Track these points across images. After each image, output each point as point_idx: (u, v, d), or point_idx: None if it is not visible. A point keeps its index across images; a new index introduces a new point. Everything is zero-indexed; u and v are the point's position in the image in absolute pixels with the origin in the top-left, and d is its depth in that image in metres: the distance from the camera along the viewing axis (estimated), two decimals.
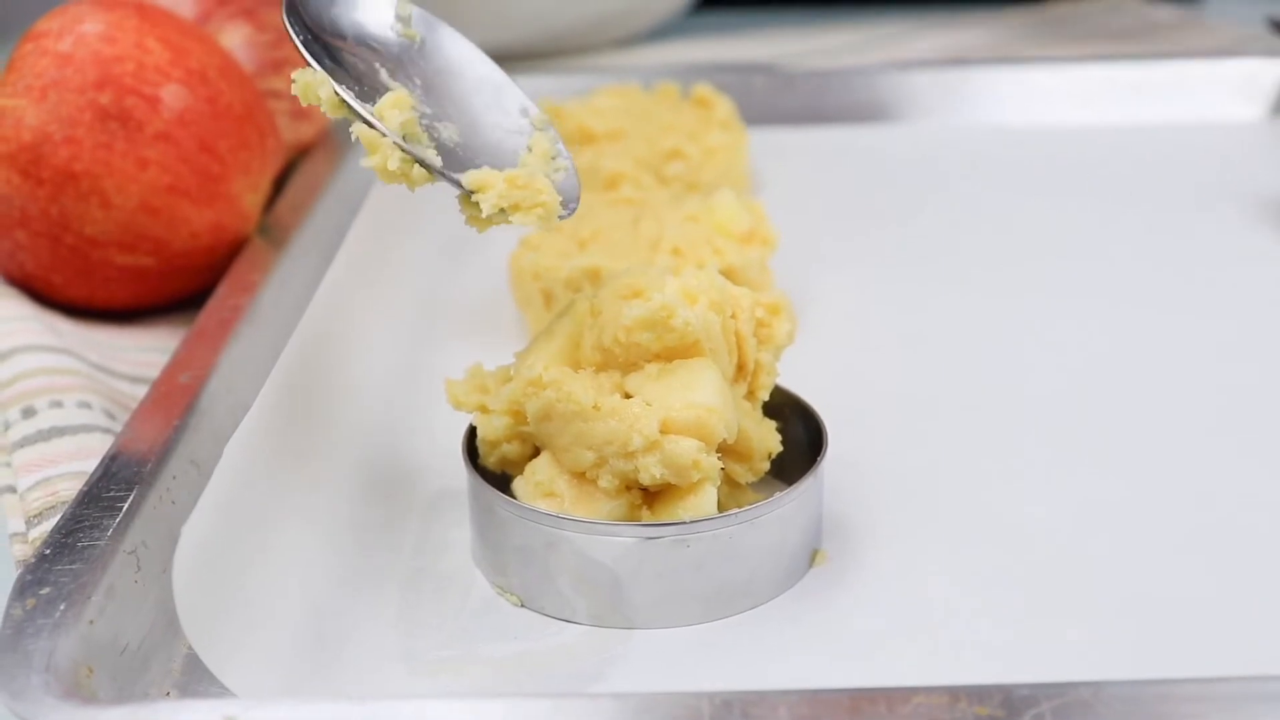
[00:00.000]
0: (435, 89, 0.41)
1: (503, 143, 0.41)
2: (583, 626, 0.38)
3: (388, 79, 0.40)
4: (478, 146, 0.40)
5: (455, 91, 0.41)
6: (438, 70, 0.42)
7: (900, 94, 0.74)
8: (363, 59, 0.41)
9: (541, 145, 0.40)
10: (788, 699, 0.31)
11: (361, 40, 0.41)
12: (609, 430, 0.37)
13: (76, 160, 0.51)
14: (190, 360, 0.45)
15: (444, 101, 0.41)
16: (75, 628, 0.34)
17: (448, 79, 0.42)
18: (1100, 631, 0.36)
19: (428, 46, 0.42)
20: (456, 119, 0.41)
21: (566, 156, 0.40)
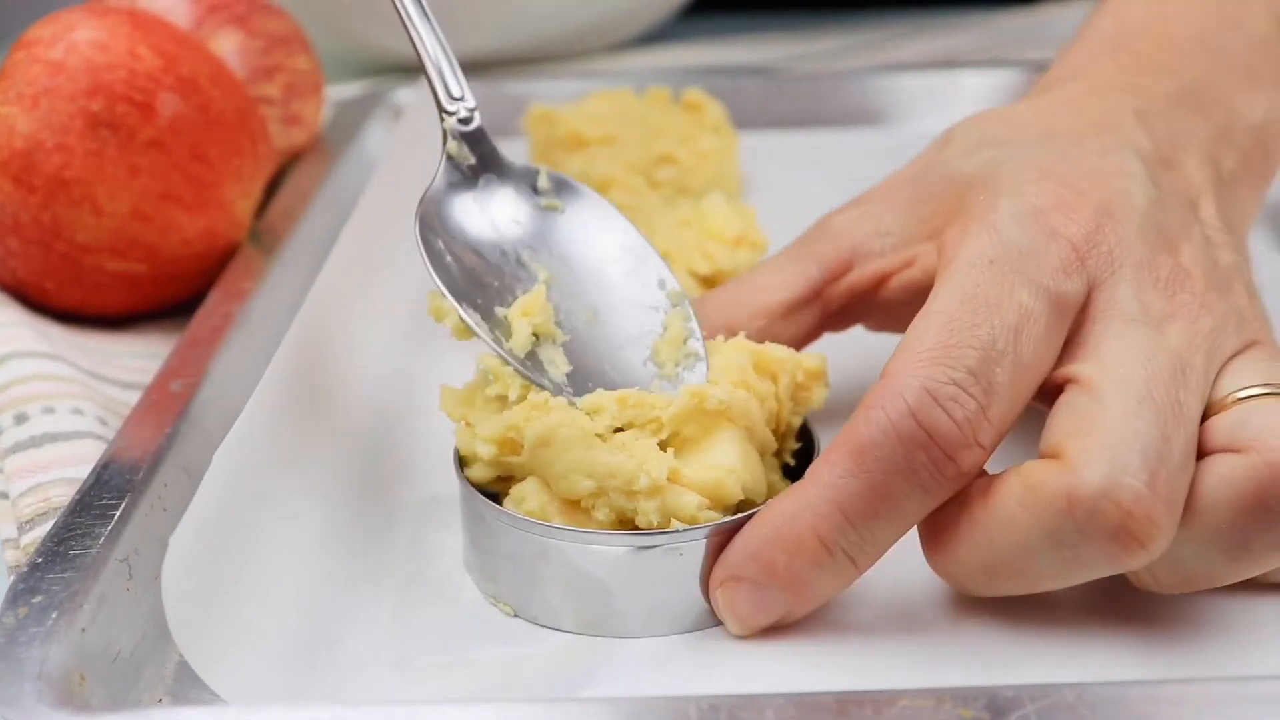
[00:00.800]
0: (573, 261, 0.42)
1: (638, 324, 0.41)
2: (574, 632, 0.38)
3: (528, 261, 0.42)
4: (611, 330, 0.41)
5: (593, 263, 0.42)
6: (578, 241, 0.43)
7: (891, 97, 0.75)
8: (501, 243, 0.42)
9: (675, 327, 0.41)
10: (774, 702, 0.31)
11: (500, 225, 0.42)
12: (615, 463, 0.37)
13: (68, 167, 0.51)
14: (182, 367, 0.45)
15: (581, 275, 0.42)
16: (67, 635, 0.34)
17: (587, 251, 0.42)
18: (1085, 632, 0.37)
19: (569, 214, 0.43)
20: (593, 296, 0.42)
21: (699, 339, 0.41)
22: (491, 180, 0.43)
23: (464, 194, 0.43)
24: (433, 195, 0.42)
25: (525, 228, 0.43)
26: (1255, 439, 0.34)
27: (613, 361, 0.40)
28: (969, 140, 0.44)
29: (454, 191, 0.43)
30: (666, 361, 0.40)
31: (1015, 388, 0.35)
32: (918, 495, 0.35)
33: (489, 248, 0.42)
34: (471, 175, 0.43)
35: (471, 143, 0.44)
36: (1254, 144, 0.46)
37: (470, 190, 0.43)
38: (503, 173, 0.44)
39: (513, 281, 0.41)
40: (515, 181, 0.44)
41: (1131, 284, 0.37)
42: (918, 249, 0.42)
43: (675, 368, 0.40)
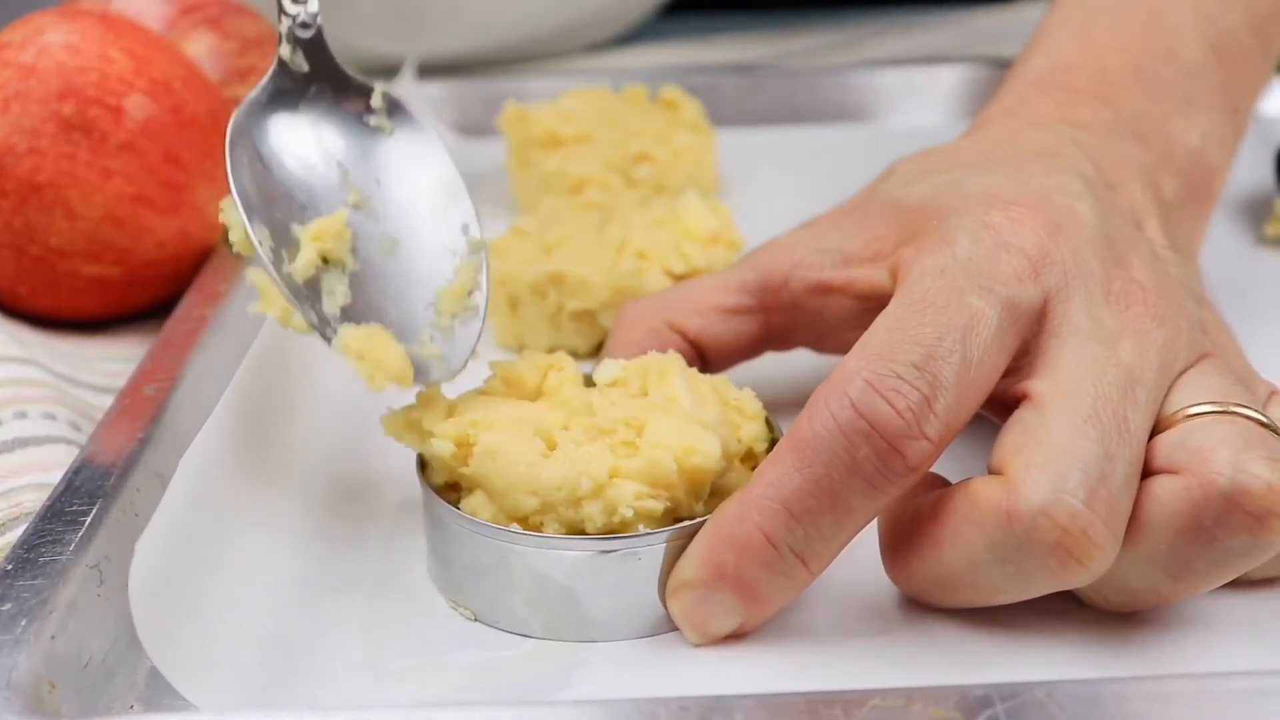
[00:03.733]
0: (387, 186, 0.42)
1: (431, 264, 0.41)
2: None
3: (339, 182, 0.41)
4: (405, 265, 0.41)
5: (406, 192, 0.42)
6: (397, 167, 0.42)
7: (869, 93, 0.75)
8: (318, 157, 0.41)
9: (464, 276, 0.41)
10: (744, 703, 0.31)
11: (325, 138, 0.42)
12: (558, 477, 0.36)
13: (40, 171, 0.51)
14: (156, 371, 0.45)
15: (391, 202, 0.42)
16: (37, 643, 0.34)
17: (406, 176, 0.42)
18: (1055, 631, 0.37)
19: (396, 137, 0.43)
20: (397, 226, 0.41)
21: (484, 294, 0.41)
22: (324, 90, 0.43)
23: (289, 101, 0.42)
24: (253, 100, 0.41)
25: (347, 144, 0.42)
26: (1191, 460, 0.34)
27: (396, 299, 0.40)
28: (911, 171, 0.44)
29: (280, 97, 0.42)
30: (445, 311, 0.40)
31: (964, 386, 0.35)
32: (863, 490, 0.35)
33: (304, 159, 0.41)
34: (302, 84, 0.42)
35: (308, 49, 0.42)
36: (1194, 168, 0.47)
37: (297, 99, 0.42)
38: (336, 85, 0.43)
39: (320, 199, 0.41)
40: (348, 96, 0.43)
41: (1084, 299, 0.37)
42: (861, 269, 0.42)
43: (452, 319, 0.40)
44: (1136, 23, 0.49)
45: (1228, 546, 0.34)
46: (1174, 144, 0.46)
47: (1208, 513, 0.34)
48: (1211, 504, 0.34)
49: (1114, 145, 0.45)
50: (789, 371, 0.47)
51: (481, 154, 0.69)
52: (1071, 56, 0.49)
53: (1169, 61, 0.48)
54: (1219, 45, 0.49)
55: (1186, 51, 0.49)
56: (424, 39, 0.76)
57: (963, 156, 0.44)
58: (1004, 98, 0.49)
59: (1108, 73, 0.48)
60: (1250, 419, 0.35)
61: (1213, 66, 0.49)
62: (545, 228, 0.54)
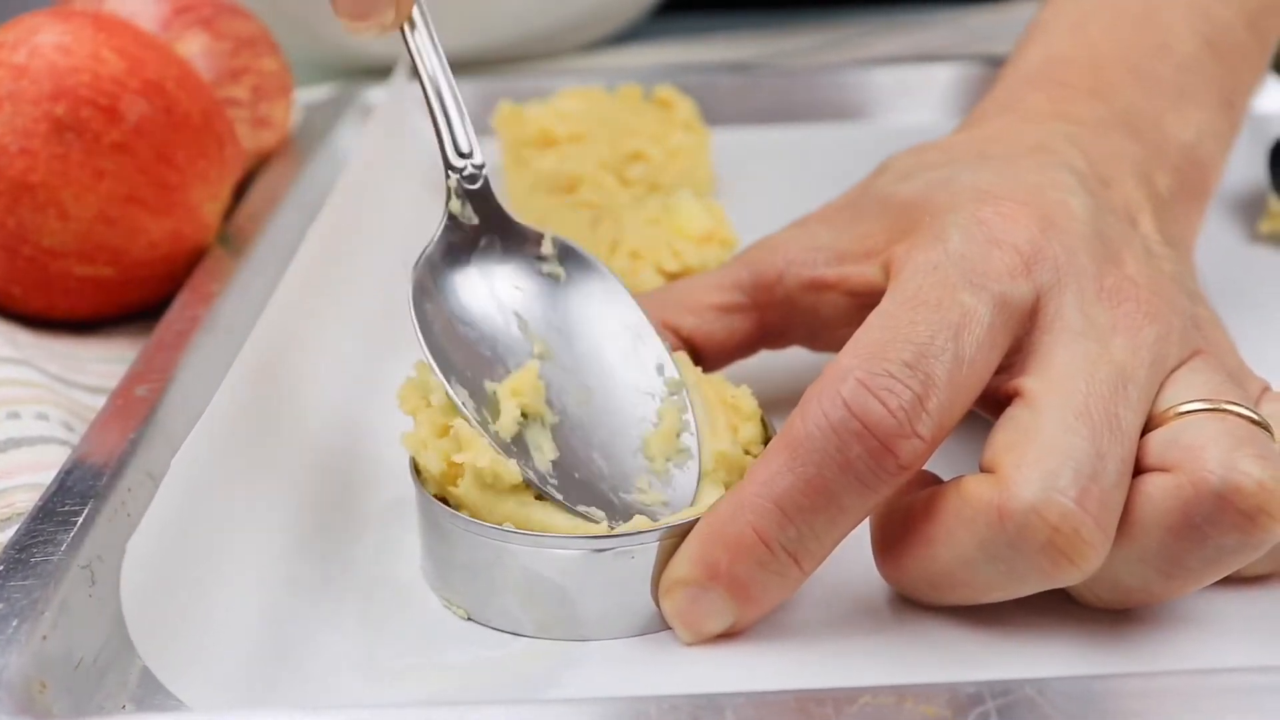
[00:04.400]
0: (571, 334, 0.41)
1: (631, 409, 0.40)
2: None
3: (518, 332, 0.40)
4: (603, 413, 0.40)
5: (592, 338, 0.41)
6: (577, 313, 0.41)
7: (864, 92, 0.75)
8: (498, 310, 0.40)
9: (669, 419, 0.39)
10: (734, 701, 0.31)
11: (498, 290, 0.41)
12: (548, 523, 0.37)
13: (33, 171, 0.51)
14: (148, 371, 0.45)
15: (578, 350, 0.40)
16: (28, 643, 0.34)
17: (586, 325, 0.41)
18: (1047, 628, 0.36)
19: (571, 283, 0.42)
20: (588, 375, 0.40)
21: (693, 433, 0.39)
22: (494, 241, 0.42)
23: (463, 255, 0.41)
24: (429, 257, 0.41)
25: (524, 294, 0.41)
26: (1182, 458, 0.34)
27: (602, 449, 0.39)
28: (904, 167, 0.44)
29: (453, 252, 0.41)
30: (657, 455, 0.39)
31: (956, 384, 0.35)
32: (855, 489, 0.35)
33: (484, 314, 0.40)
34: (473, 235, 0.42)
35: (476, 201, 0.42)
36: (1188, 163, 0.47)
37: (470, 251, 0.42)
38: (506, 234, 0.42)
39: (506, 352, 0.40)
40: (518, 244, 0.42)
41: (1076, 296, 0.37)
42: (854, 266, 0.42)
43: (666, 463, 0.39)
44: (1130, 17, 0.49)
45: (1219, 544, 0.34)
46: (1168, 139, 0.46)
47: (1199, 511, 0.34)
48: (1203, 502, 0.34)
49: (1108, 140, 0.45)
50: (784, 369, 0.47)
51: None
52: (1065, 52, 0.49)
53: (1163, 56, 0.48)
54: (1213, 40, 0.49)
55: (1180, 46, 0.49)
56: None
57: (956, 152, 0.44)
58: (998, 93, 0.49)
59: (1102, 68, 0.48)
60: (1242, 417, 0.35)
61: (1207, 61, 0.49)
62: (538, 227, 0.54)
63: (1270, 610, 0.37)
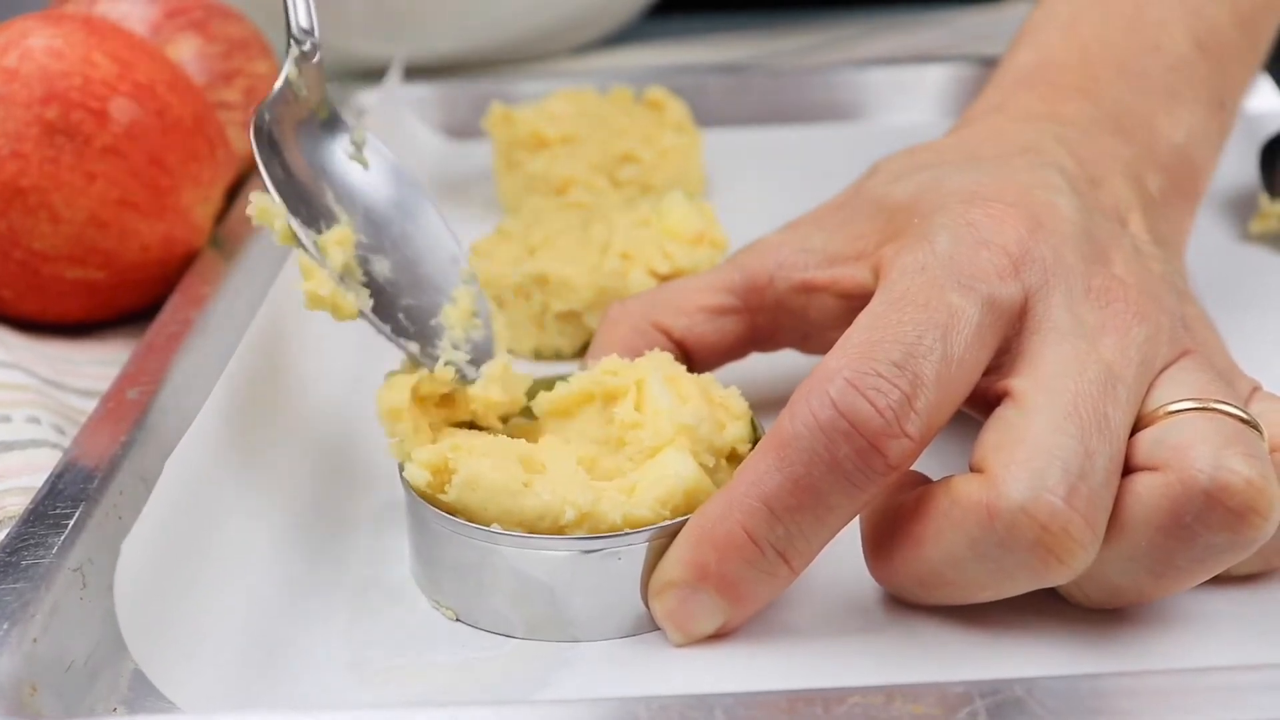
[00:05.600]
0: (375, 220, 0.43)
1: (431, 287, 0.42)
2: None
3: (333, 204, 0.42)
4: (406, 285, 0.42)
5: (393, 227, 0.43)
6: (382, 202, 0.43)
7: (856, 92, 0.75)
8: (314, 180, 0.42)
9: (464, 300, 0.42)
10: (724, 702, 0.31)
11: (315, 161, 0.43)
12: (541, 506, 0.37)
13: (24, 175, 0.51)
14: (139, 374, 0.45)
15: (381, 234, 0.43)
16: (19, 646, 0.34)
17: (390, 213, 0.43)
18: (1035, 627, 0.37)
19: (376, 178, 0.44)
20: (390, 253, 0.42)
21: (486, 314, 0.43)
22: (316, 119, 0.44)
23: (292, 120, 0.43)
24: (269, 105, 0.43)
25: (336, 171, 0.43)
26: (1171, 456, 0.34)
27: (407, 312, 0.41)
28: (895, 168, 0.44)
29: (285, 114, 0.43)
30: (456, 326, 0.42)
31: (944, 384, 0.35)
32: (843, 488, 0.35)
33: (304, 176, 0.42)
34: (301, 107, 0.44)
35: (309, 77, 0.44)
36: (1179, 163, 0.47)
37: (296, 120, 0.43)
38: (326, 115, 0.44)
39: (320, 213, 0.42)
40: (334, 128, 0.44)
41: (1064, 296, 0.37)
42: (845, 268, 0.42)
43: (464, 333, 0.42)
44: (1122, 18, 0.49)
45: (1208, 543, 0.34)
46: (1158, 139, 0.46)
47: (1188, 509, 0.34)
48: (1192, 501, 0.34)
49: (1098, 141, 0.45)
50: (775, 371, 0.47)
51: (467, 155, 0.69)
52: (1057, 52, 0.49)
53: (1154, 57, 0.48)
54: (1204, 40, 0.49)
55: (1172, 47, 0.49)
56: (410, 41, 0.76)
57: (946, 154, 0.44)
58: (989, 94, 0.49)
59: (1092, 68, 0.48)
60: (1231, 416, 0.35)
61: (1198, 61, 0.49)
62: (529, 229, 0.54)
63: (1258, 609, 0.37)
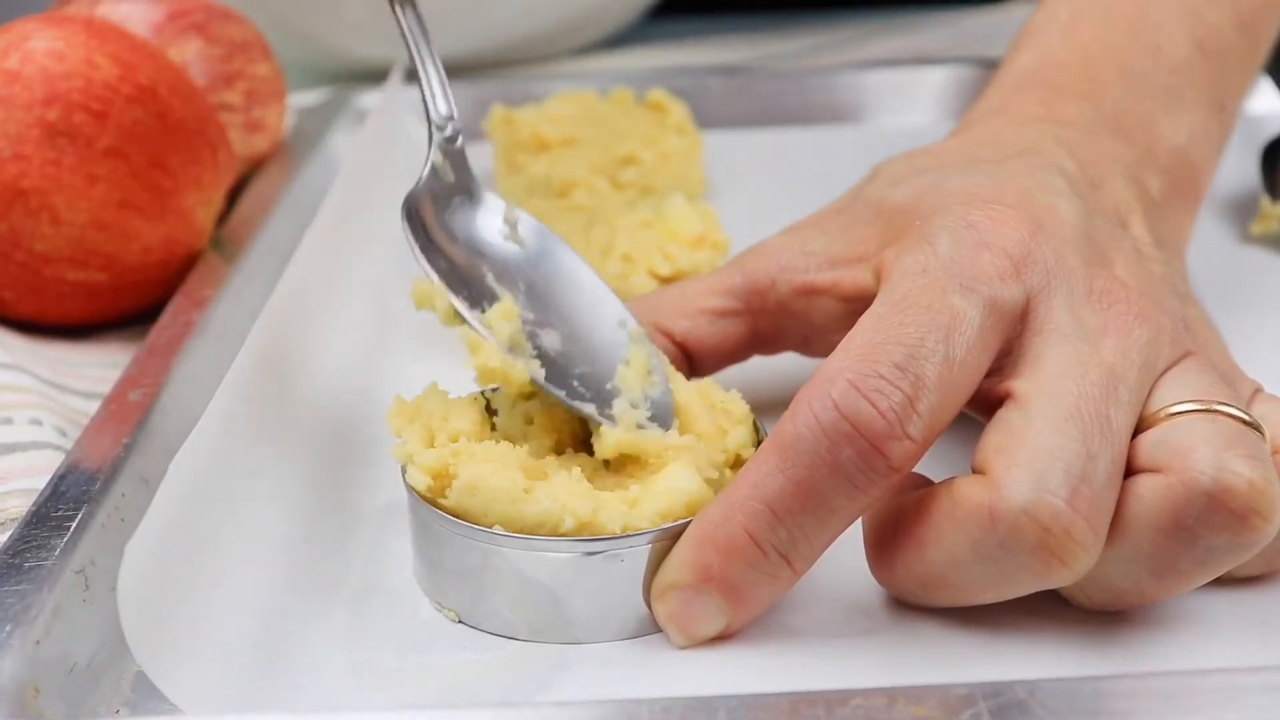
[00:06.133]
0: (538, 295, 0.42)
1: (602, 353, 0.41)
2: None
3: (494, 283, 0.42)
4: (578, 355, 0.41)
5: (557, 299, 0.43)
6: (542, 277, 0.43)
7: (857, 94, 0.75)
8: (471, 262, 0.42)
9: (638, 359, 0.41)
10: (727, 703, 0.31)
11: (470, 244, 0.43)
12: (540, 512, 0.37)
13: (25, 177, 0.51)
14: (141, 376, 0.45)
15: (546, 309, 0.42)
16: (22, 648, 0.34)
17: (551, 286, 0.43)
18: (1037, 629, 0.37)
19: (532, 253, 0.43)
20: (558, 326, 0.42)
21: (661, 371, 0.41)
22: (465, 202, 0.44)
23: (440, 205, 0.43)
24: (418, 193, 0.43)
25: (492, 252, 0.43)
26: (1173, 458, 0.34)
27: (581, 379, 0.40)
28: (896, 172, 0.44)
29: (434, 200, 0.43)
30: (633, 386, 0.40)
31: (947, 386, 0.35)
32: (846, 490, 0.35)
33: (459, 259, 0.42)
34: (448, 191, 0.44)
35: (454, 160, 0.44)
36: (1179, 165, 0.47)
37: (446, 205, 0.43)
38: (475, 199, 0.44)
39: (480, 294, 0.41)
40: (486, 210, 0.44)
41: (1066, 298, 0.37)
42: (846, 270, 0.42)
43: (640, 393, 0.40)
44: (1122, 20, 0.50)
45: (1210, 545, 0.34)
46: (1159, 141, 0.47)
47: (1190, 511, 0.34)
48: (1194, 503, 0.34)
49: (1098, 143, 0.45)
50: (777, 374, 0.47)
51: (470, 157, 0.69)
52: (1057, 54, 0.49)
53: (1154, 59, 0.48)
54: (1205, 42, 0.49)
55: (1172, 49, 0.49)
56: None
57: (947, 156, 0.44)
58: (990, 96, 0.49)
59: (1093, 70, 0.48)
60: (1233, 417, 0.35)
61: (1198, 63, 0.49)
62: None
63: (1260, 611, 0.37)
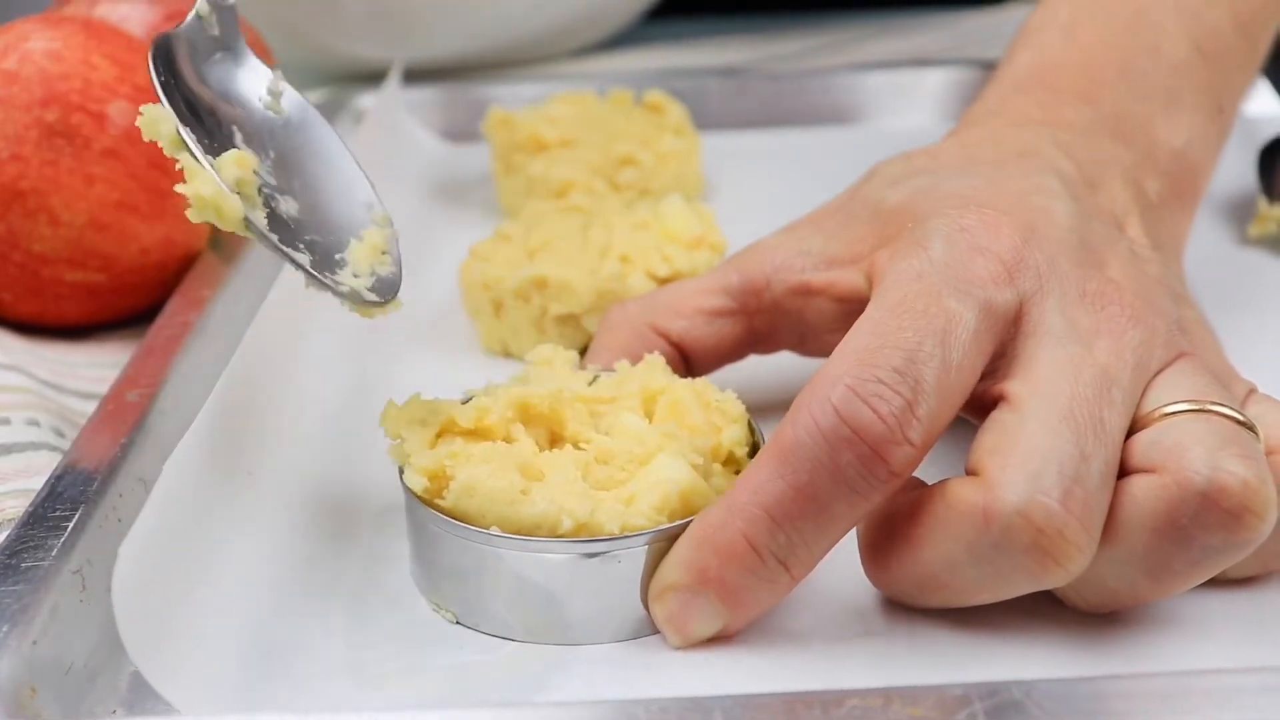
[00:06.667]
0: (286, 165, 0.42)
1: (338, 228, 0.41)
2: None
3: (240, 143, 0.41)
4: (313, 225, 0.41)
5: (306, 173, 0.42)
6: (294, 149, 0.42)
7: (855, 95, 0.75)
8: (221, 116, 0.41)
9: (373, 238, 0.41)
10: (723, 704, 0.31)
11: (226, 99, 0.42)
12: (538, 514, 0.37)
13: (23, 178, 0.51)
14: (139, 377, 0.45)
15: (291, 179, 0.42)
16: (19, 648, 0.34)
17: (302, 160, 0.42)
18: (1033, 630, 0.37)
19: (292, 127, 0.43)
20: (299, 196, 0.41)
21: (397, 256, 0.42)
22: (228, 59, 0.43)
23: (199, 54, 0.42)
24: (174, 34, 0.42)
25: (247, 113, 0.42)
26: (1167, 458, 0.34)
27: (309, 245, 0.40)
28: (893, 172, 0.44)
29: (192, 48, 0.42)
30: (362, 260, 0.41)
31: (944, 389, 0.35)
32: (846, 496, 0.35)
33: (207, 110, 0.41)
34: (211, 45, 0.43)
35: (222, 16, 0.43)
36: (1178, 167, 0.47)
37: (206, 56, 0.42)
38: (239, 58, 0.43)
39: (220, 147, 0.40)
40: (250, 71, 0.43)
41: (1058, 301, 0.37)
42: (842, 271, 0.42)
43: (369, 266, 0.41)
44: (1121, 21, 0.50)
45: (1205, 545, 0.34)
46: (1157, 143, 0.47)
47: (1184, 511, 0.34)
48: (1188, 502, 0.34)
49: (1096, 145, 0.45)
50: (773, 374, 0.47)
51: (467, 159, 0.70)
52: (1056, 55, 0.49)
53: (1153, 60, 0.49)
54: (1203, 44, 0.50)
55: (1171, 50, 0.49)
56: (410, 44, 0.76)
57: (944, 158, 0.44)
58: (988, 97, 0.49)
59: (1091, 71, 0.48)
60: (1227, 417, 0.35)
61: (1197, 65, 0.49)
62: (528, 232, 0.54)
63: (1255, 612, 0.37)
